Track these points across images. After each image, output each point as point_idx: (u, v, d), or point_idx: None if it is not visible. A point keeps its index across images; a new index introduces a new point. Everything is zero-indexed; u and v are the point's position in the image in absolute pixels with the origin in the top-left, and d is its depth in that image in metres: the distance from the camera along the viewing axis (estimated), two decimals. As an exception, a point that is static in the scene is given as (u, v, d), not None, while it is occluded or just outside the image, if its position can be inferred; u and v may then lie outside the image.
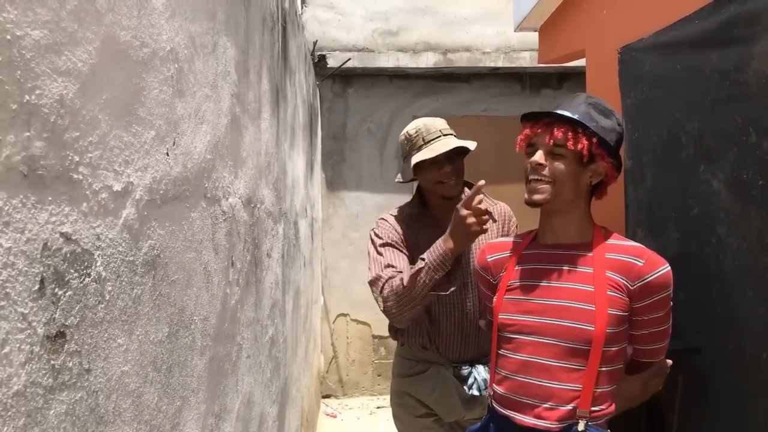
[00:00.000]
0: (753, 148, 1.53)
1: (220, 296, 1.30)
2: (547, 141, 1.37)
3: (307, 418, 3.52)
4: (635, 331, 1.39)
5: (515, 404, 1.39)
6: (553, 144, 1.37)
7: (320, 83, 5.05)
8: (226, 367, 1.36)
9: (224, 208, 1.34)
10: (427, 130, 1.91)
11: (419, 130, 1.92)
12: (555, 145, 1.37)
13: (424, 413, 1.97)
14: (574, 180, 1.39)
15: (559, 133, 1.35)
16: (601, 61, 2.61)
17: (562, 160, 1.37)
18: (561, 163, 1.37)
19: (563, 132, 1.35)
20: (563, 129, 1.36)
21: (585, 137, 1.35)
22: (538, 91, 5.29)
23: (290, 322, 2.64)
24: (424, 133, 1.91)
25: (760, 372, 1.52)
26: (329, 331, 5.20)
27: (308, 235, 3.72)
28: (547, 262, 1.44)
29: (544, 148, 1.38)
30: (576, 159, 1.37)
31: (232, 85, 1.43)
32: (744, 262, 1.58)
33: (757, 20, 1.48)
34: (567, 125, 1.36)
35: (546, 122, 1.40)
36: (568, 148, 1.35)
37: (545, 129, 1.39)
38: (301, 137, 3.25)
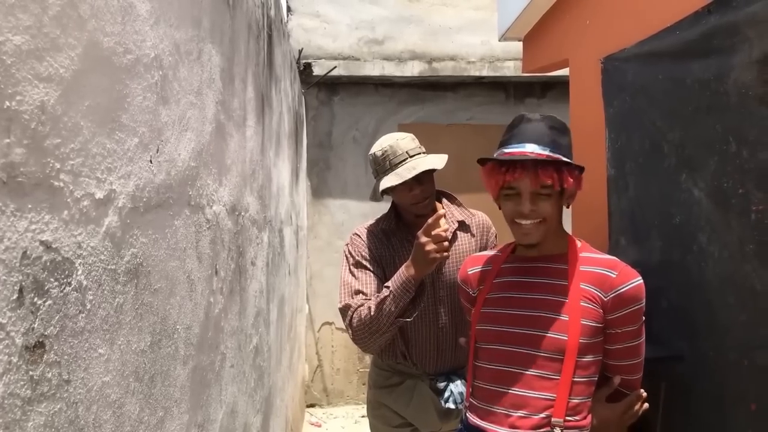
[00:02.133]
0: (733, 157, 1.55)
1: (204, 305, 1.29)
2: (533, 186, 1.35)
3: (292, 428, 3.49)
4: (609, 345, 1.39)
5: (489, 414, 1.39)
6: (540, 186, 1.36)
7: (306, 91, 5.04)
8: (210, 377, 1.34)
9: (208, 216, 1.33)
10: (393, 153, 1.88)
11: (386, 153, 1.89)
12: (542, 187, 1.36)
13: (400, 423, 1.96)
14: (559, 211, 1.43)
15: (546, 179, 1.33)
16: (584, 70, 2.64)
17: (548, 199, 1.37)
18: (548, 203, 1.38)
19: (549, 175, 1.34)
20: (548, 172, 1.33)
21: (567, 173, 1.35)
22: (522, 100, 5.34)
23: (274, 330, 2.62)
24: (390, 156, 1.88)
25: (742, 379, 1.53)
26: (314, 340, 5.17)
27: (293, 243, 3.70)
28: (524, 275, 1.45)
29: (527, 192, 1.36)
30: (558, 193, 1.39)
31: (217, 93, 1.42)
32: (725, 269, 1.60)
33: (737, 31, 1.51)
34: (549, 167, 1.34)
35: (523, 167, 1.36)
36: (556, 188, 1.36)
37: (526, 173, 1.35)
38: (287, 145, 3.24)
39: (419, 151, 1.92)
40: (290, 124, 3.50)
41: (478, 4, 5.18)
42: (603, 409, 1.44)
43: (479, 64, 5.14)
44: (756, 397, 1.49)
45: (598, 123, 2.32)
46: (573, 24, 2.87)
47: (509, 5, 3.44)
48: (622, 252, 2.17)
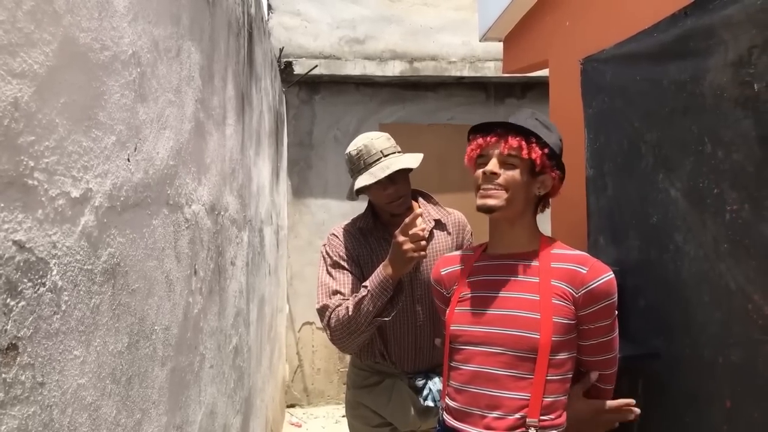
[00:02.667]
0: (708, 157, 1.57)
1: (183, 305, 1.27)
2: (502, 150, 1.39)
3: (272, 428, 3.47)
4: (583, 341, 1.40)
5: (465, 416, 1.39)
6: (507, 153, 1.38)
7: (286, 90, 5.02)
8: (189, 378, 1.33)
9: (187, 216, 1.32)
10: (368, 152, 1.89)
11: (360, 152, 1.90)
12: (509, 154, 1.38)
13: (379, 423, 1.96)
14: (525, 189, 1.41)
15: (514, 142, 1.37)
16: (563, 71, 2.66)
17: (514, 169, 1.39)
18: (514, 171, 1.39)
19: (518, 141, 1.38)
20: (518, 138, 1.38)
21: (537, 147, 1.38)
22: (502, 101, 5.37)
23: (254, 331, 2.60)
24: (365, 156, 1.89)
25: (716, 376, 1.56)
26: (294, 340, 5.15)
27: (273, 243, 3.68)
28: (496, 273, 1.45)
29: (498, 158, 1.40)
30: (528, 169, 1.39)
31: (197, 91, 1.40)
32: (700, 268, 1.63)
33: (713, 34, 1.53)
34: (520, 135, 1.38)
35: (499, 133, 1.41)
36: (522, 157, 1.37)
37: (499, 139, 1.40)
38: (267, 144, 3.22)
39: (394, 150, 1.92)
40: (271, 123, 3.48)
41: (458, 5, 5.20)
42: (579, 403, 1.45)
43: (460, 65, 5.16)
44: (731, 395, 1.51)
45: (578, 123, 2.35)
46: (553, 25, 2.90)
47: (490, 6, 3.46)
48: (601, 251, 2.19)
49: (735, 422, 1.50)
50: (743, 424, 1.47)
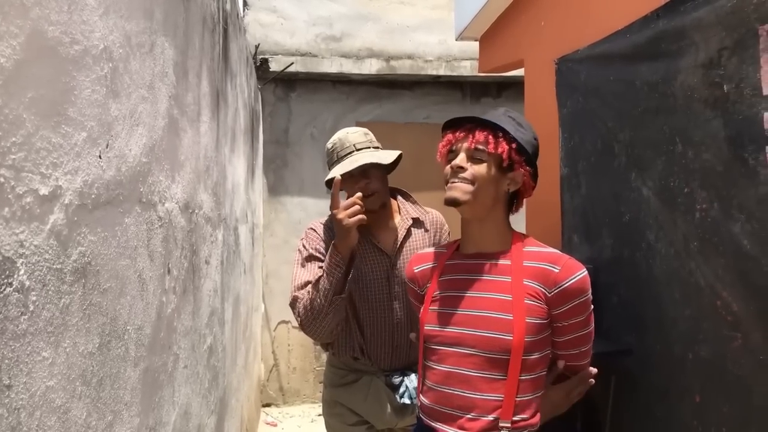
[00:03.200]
0: (679, 157, 1.60)
1: (156, 305, 1.26)
2: (469, 144, 1.40)
3: (247, 428, 3.45)
4: (557, 337, 1.40)
5: (440, 415, 1.40)
6: (474, 147, 1.39)
7: (262, 87, 4.98)
8: (162, 378, 1.31)
9: (160, 214, 1.30)
10: (341, 146, 1.91)
11: (335, 145, 1.93)
12: (476, 149, 1.39)
13: (356, 421, 1.96)
14: (494, 185, 1.41)
15: (481, 136, 1.38)
16: (538, 71, 2.69)
17: (482, 163, 1.39)
18: (481, 166, 1.39)
19: (485, 135, 1.38)
20: (484, 133, 1.39)
21: (505, 142, 1.38)
22: (478, 100, 5.40)
23: (229, 330, 2.58)
24: (338, 149, 1.91)
25: (686, 372, 1.59)
26: (270, 339, 5.12)
27: (249, 242, 3.65)
28: (468, 272, 1.45)
29: (465, 152, 1.41)
30: (496, 163, 1.39)
31: (170, 87, 1.38)
32: (671, 266, 1.66)
33: (684, 36, 1.56)
34: (488, 130, 1.39)
35: (467, 128, 1.42)
36: (489, 151, 1.37)
37: (467, 134, 1.41)
38: (242, 141, 3.19)
39: (368, 145, 1.92)
40: (246, 120, 3.45)
41: (435, 4, 5.21)
42: (552, 392, 1.46)
43: (436, 63, 5.17)
44: (700, 389, 1.54)
45: (552, 123, 2.37)
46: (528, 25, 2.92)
47: (466, 5, 3.47)
48: (575, 249, 2.22)
49: (704, 416, 1.53)
50: (712, 418, 1.51)
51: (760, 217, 1.35)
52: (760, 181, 1.34)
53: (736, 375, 1.43)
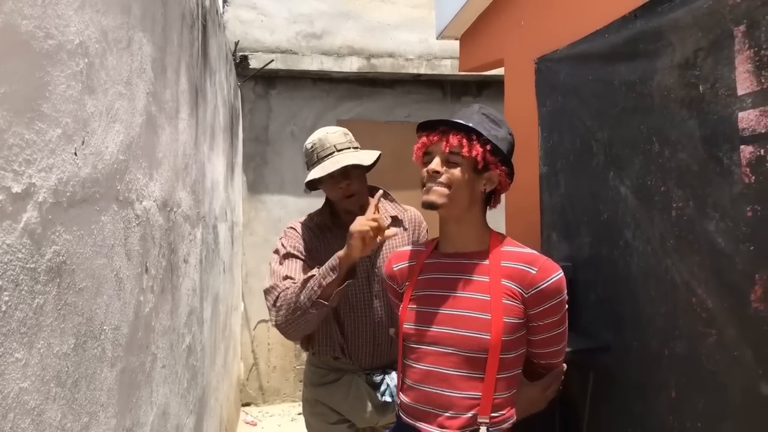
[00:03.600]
0: (656, 156, 1.62)
1: (133, 304, 1.24)
2: (443, 148, 1.39)
3: (226, 428, 3.42)
4: (532, 336, 1.42)
5: (419, 414, 1.40)
6: (448, 151, 1.39)
7: (242, 84, 4.94)
8: (140, 379, 1.29)
9: (138, 212, 1.28)
10: (321, 146, 1.89)
11: (314, 145, 1.91)
12: (450, 152, 1.39)
13: (337, 420, 1.96)
14: (470, 187, 1.41)
15: (455, 141, 1.38)
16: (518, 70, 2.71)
17: (457, 167, 1.39)
18: (456, 170, 1.39)
19: (458, 139, 1.38)
20: (458, 136, 1.38)
21: (479, 144, 1.37)
22: (458, 98, 5.42)
23: (208, 329, 2.55)
24: (318, 149, 1.89)
25: (663, 368, 1.62)
26: (250, 338, 5.08)
27: (228, 240, 3.62)
28: (447, 272, 1.45)
29: (440, 156, 1.41)
30: (471, 166, 1.39)
31: (148, 83, 1.36)
32: (648, 263, 1.68)
33: (660, 36, 1.58)
34: (462, 133, 1.39)
35: (442, 131, 1.42)
36: (463, 155, 1.37)
37: (441, 137, 1.41)
38: (222, 139, 3.16)
39: (349, 145, 1.91)
40: (225, 117, 3.42)
41: (416, 2, 5.22)
42: (528, 389, 1.47)
43: (417, 62, 5.18)
44: (676, 385, 1.57)
45: (532, 122, 2.39)
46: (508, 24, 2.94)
47: (446, 4, 3.48)
48: (554, 247, 2.24)
49: (680, 411, 1.56)
50: (688, 413, 1.53)
51: (734, 216, 1.37)
52: (733, 180, 1.37)
53: (711, 371, 1.45)
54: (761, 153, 1.29)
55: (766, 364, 1.30)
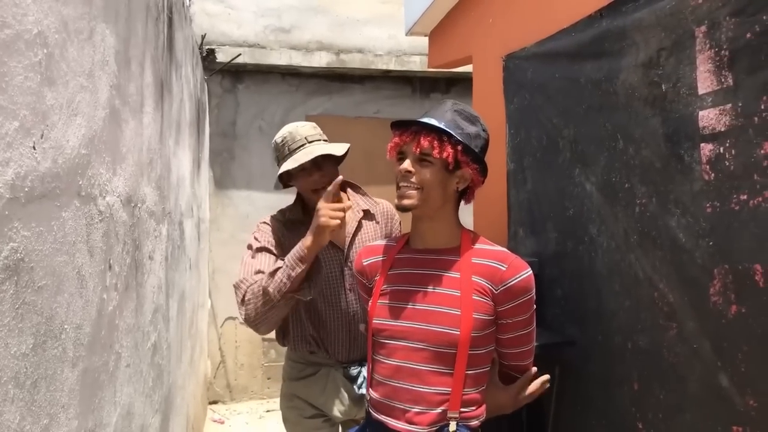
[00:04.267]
0: (621, 153, 1.66)
1: (96, 302, 1.21)
2: (415, 149, 1.39)
3: (193, 426, 3.38)
4: (501, 334, 1.43)
5: (388, 409, 1.40)
6: (420, 152, 1.39)
7: (209, 78, 4.86)
8: (103, 378, 1.27)
9: (101, 208, 1.25)
10: (292, 139, 1.88)
11: (285, 138, 1.90)
12: (422, 153, 1.39)
13: (313, 414, 1.95)
14: (442, 186, 1.42)
15: (426, 142, 1.37)
16: (487, 67, 2.73)
17: (429, 167, 1.39)
18: (428, 170, 1.39)
19: (429, 141, 1.38)
20: (429, 138, 1.38)
21: (450, 145, 1.38)
22: (428, 95, 5.44)
23: (174, 327, 2.51)
24: (289, 142, 1.88)
25: (626, 361, 1.65)
26: (217, 336, 5.02)
27: (194, 236, 3.57)
28: (418, 267, 1.46)
29: (411, 156, 1.41)
30: (443, 166, 1.40)
31: (111, 76, 1.33)
32: (612, 259, 1.71)
33: (625, 36, 1.61)
34: (433, 134, 1.39)
35: (413, 131, 1.42)
36: (435, 156, 1.38)
37: (413, 138, 1.41)
38: (188, 133, 3.11)
39: (319, 138, 1.91)
40: (192, 111, 3.36)
41: (385, -2, 5.21)
42: (499, 392, 1.49)
43: (386, 58, 5.17)
44: (638, 377, 1.61)
45: (500, 119, 2.41)
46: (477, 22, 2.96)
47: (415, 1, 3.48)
48: (520, 243, 2.27)
49: (642, 403, 1.59)
50: (649, 404, 1.57)
51: (694, 212, 1.41)
52: (694, 177, 1.40)
53: (672, 363, 1.49)
54: (720, 151, 1.33)
55: (723, 356, 1.33)
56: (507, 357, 1.48)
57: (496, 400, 1.47)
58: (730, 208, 1.31)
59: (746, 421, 1.27)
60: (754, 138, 1.24)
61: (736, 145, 1.29)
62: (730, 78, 1.29)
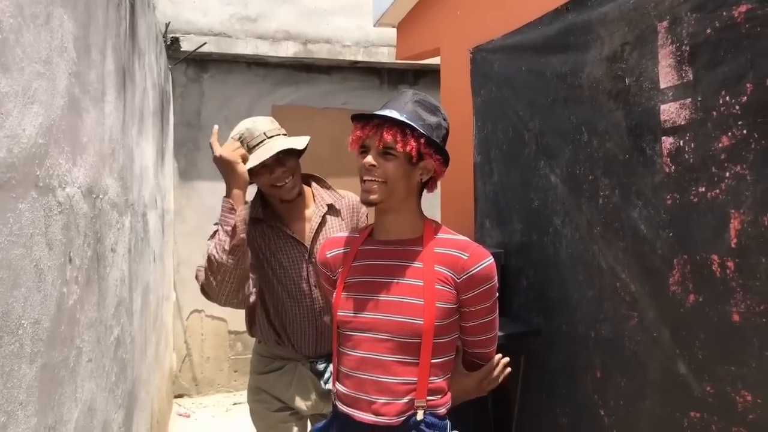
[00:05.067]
0: (585, 146, 1.68)
1: (56, 296, 1.18)
2: (378, 143, 1.39)
3: (158, 420, 3.33)
4: (465, 322, 1.45)
5: (355, 401, 1.41)
6: (383, 146, 1.39)
7: (173, 67, 4.76)
8: (63, 374, 1.23)
9: (60, 199, 1.21)
10: (251, 135, 1.84)
11: (242, 135, 1.85)
12: (385, 147, 1.39)
13: (279, 408, 1.94)
14: (405, 179, 1.42)
15: (389, 136, 1.37)
16: (454, 59, 2.73)
17: (393, 160, 1.39)
18: (392, 164, 1.39)
19: (392, 135, 1.37)
20: (392, 132, 1.37)
21: (413, 139, 1.37)
22: (395, 86, 5.43)
23: (138, 320, 2.47)
24: (247, 139, 1.84)
25: (589, 349, 1.69)
26: (182, 329, 4.95)
27: (158, 228, 3.50)
28: (381, 258, 1.46)
29: (374, 150, 1.40)
30: (406, 159, 1.40)
31: (71, 63, 1.29)
32: (576, 249, 1.74)
33: (590, 29, 1.63)
34: (396, 127, 1.38)
35: (376, 124, 1.41)
36: (398, 150, 1.38)
37: (375, 131, 1.40)
38: (151, 123, 3.04)
39: (278, 132, 1.87)
40: (155, 101, 3.29)
41: (353, -12, 5.18)
42: (463, 378, 1.50)
43: (354, 49, 5.14)
44: (601, 366, 1.64)
45: (467, 111, 2.42)
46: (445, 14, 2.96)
47: (384, -9, 3.47)
48: (487, 234, 2.29)
49: (604, 390, 1.63)
50: (611, 391, 1.61)
51: (655, 203, 1.44)
52: (655, 169, 1.44)
53: (633, 351, 1.53)
54: (680, 144, 1.36)
55: (681, 344, 1.38)
56: (471, 345, 1.49)
57: (461, 385, 1.49)
58: (689, 199, 1.34)
59: (703, 406, 1.32)
60: (712, 132, 1.27)
61: (695, 138, 1.32)
62: (690, 73, 1.33)
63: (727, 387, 1.25)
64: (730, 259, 1.24)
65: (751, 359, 1.20)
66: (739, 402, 1.23)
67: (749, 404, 1.21)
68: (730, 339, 1.25)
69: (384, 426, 1.36)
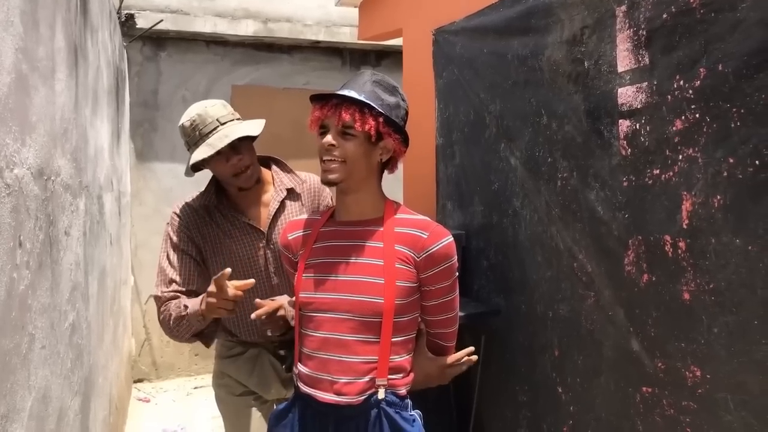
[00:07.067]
0: (544, 128, 1.71)
1: (5, 282, 1.14)
2: (337, 123, 1.39)
3: (117, 406, 3.28)
4: (425, 302, 1.46)
5: (316, 382, 1.42)
6: (342, 126, 1.39)
7: (128, 45, 4.61)
8: (15, 362, 1.20)
9: (8, 181, 1.16)
10: (203, 122, 1.77)
11: (194, 122, 1.78)
12: (344, 126, 1.39)
13: (242, 392, 1.93)
14: (365, 158, 1.43)
15: (347, 116, 1.37)
16: (417, 41, 2.72)
17: (352, 140, 1.40)
18: (351, 143, 1.40)
19: (351, 114, 1.37)
20: (351, 111, 1.38)
21: (372, 118, 1.38)
22: (358, 67, 5.38)
23: (95, 305, 2.41)
24: (200, 126, 1.77)
25: (547, 329, 1.73)
26: (141, 313, 4.87)
27: (115, 211, 3.41)
28: (342, 239, 1.47)
29: (334, 130, 1.40)
30: (365, 138, 1.40)
31: (17, 38, 1.23)
32: (535, 231, 1.77)
33: (551, 12, 1.64)
34: (354, 106, 1.38)
35: (334, 104, 1.41)
36: (357, 129, 1.38)
37: (334, 111, 1.40)
38: (106, 103, 2.95)
39: (232, 117, 1.80)
40: (110, 79, 3.18)
41: (314, -34, 5.09)
42: (426, 362, 1.52)
43: (315, 28, 5.07)
44: (559, 345, 1.69)
45: (429, 93, 2.42)
46: (407, -6, 2.94)
47: (345, -30, 3.42)
48: (448, 216, 2.31)
49: (562, 368, 1.68)
50: (568, 369, 1.65)
51: (612, 185, 1.47)
52: (612, 152, 1.47)
53: (589, 330, 1.57)
54: (636, 127, 1.39)
55: (635, 322, 1.42)
56: (432, 325, 1.51)
57: (424, 370, 1.51)
58: (644, 182, 1.38)
59: (655, 382, 1.37)
60: (667, 115, 1.30)
61: (650, 121, 1.35)
62: (646, 57, 1.35)
63: (678, 363, 1.30)
64: (681, 240, 1.28)
65: (700, 336, 1.25)
66: (688, 377, 1.28)
67: (698, 379, 1.26)
68: (680, 317, 1.29)
69: (345, 405, 1.37)
